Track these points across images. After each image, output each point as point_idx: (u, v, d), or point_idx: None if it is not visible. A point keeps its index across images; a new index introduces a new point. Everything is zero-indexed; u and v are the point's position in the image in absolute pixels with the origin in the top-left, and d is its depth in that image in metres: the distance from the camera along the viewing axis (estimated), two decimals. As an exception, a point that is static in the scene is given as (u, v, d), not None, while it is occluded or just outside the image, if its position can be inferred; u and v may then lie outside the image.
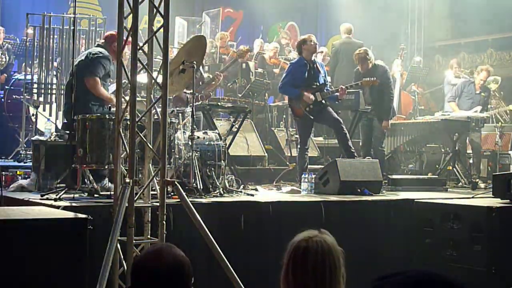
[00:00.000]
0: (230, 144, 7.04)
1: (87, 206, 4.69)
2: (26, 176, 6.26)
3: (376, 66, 8.11)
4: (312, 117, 7.42)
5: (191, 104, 5.74)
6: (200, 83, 7.62)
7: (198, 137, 5.95)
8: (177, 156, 5.69)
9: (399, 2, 13.81)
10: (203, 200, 5.36)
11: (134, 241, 4.05)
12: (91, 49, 6.35)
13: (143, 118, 4.31)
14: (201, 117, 7.55)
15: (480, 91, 9.25)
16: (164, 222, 4.11)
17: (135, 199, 4.08)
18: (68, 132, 5.78)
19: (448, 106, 9.72)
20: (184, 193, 4.22)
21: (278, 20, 12.97)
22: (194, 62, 5.52)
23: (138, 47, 4.20)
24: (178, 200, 4.31)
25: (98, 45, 6.30)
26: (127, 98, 4.35)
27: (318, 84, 7.42)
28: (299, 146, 7.62)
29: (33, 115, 7.84)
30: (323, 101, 7.44)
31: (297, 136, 8.58)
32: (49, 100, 8.01)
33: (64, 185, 5.44)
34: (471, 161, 9.39)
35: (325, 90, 7.46)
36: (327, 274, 2.29)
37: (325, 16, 14.18)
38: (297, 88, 7.36)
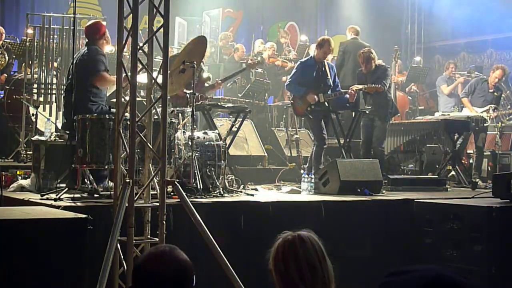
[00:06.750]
0: (230, 144, 7.04)
1: (87, 206, 4.69)
2: (26, 176, 6.25)
3: (378, 66, 8.11)
4: (311, 117, 7.43)
5: (191, 104, 5.74)
6: (205, 84, 7.60)
7: (198, 137, 5.95)
8: (177, 156, 5.69)
9: (399, 2, 13.81)
10: (203, 200, 5.36)
11: (134, 241, 4.05)
12: (80, 52, 6.26)
13: (143, 118, 4.31)
14: (201, 117, 7.54)
15: (493, 90, 9.23)
16: (164, 222, 4.10)
17: (135, 199, 4.08)
18: (68, 132, 5.77)
19: (454, 101, 9.76)
20: (184, 193, 4.23)
21: (278, 20, 12.97)
22: (194, 62, 5.52)
23: (138, 47, 4.21)
24: (178, 200, 4.31)
25: (86, 44, 6.29)
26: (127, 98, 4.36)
27: (326, 85, 7.42)
28: (315, 143, 7.53)
29: (33, 115, 7.81)
30: (326, 103, 7.45)
31: (297, 136, 8.60)
32: (49, 100, 7.99)
33: (64, 185, 5.43)
34: (471, 160, 9.39)
35: (329, 92, 7.46)
36: (312, 265, 2.34)
37: (325, 16, 14.18)
38: (304, 87, 7.38)
